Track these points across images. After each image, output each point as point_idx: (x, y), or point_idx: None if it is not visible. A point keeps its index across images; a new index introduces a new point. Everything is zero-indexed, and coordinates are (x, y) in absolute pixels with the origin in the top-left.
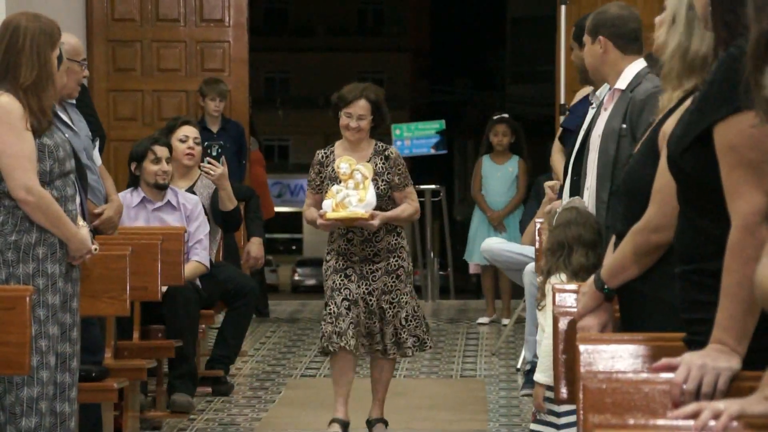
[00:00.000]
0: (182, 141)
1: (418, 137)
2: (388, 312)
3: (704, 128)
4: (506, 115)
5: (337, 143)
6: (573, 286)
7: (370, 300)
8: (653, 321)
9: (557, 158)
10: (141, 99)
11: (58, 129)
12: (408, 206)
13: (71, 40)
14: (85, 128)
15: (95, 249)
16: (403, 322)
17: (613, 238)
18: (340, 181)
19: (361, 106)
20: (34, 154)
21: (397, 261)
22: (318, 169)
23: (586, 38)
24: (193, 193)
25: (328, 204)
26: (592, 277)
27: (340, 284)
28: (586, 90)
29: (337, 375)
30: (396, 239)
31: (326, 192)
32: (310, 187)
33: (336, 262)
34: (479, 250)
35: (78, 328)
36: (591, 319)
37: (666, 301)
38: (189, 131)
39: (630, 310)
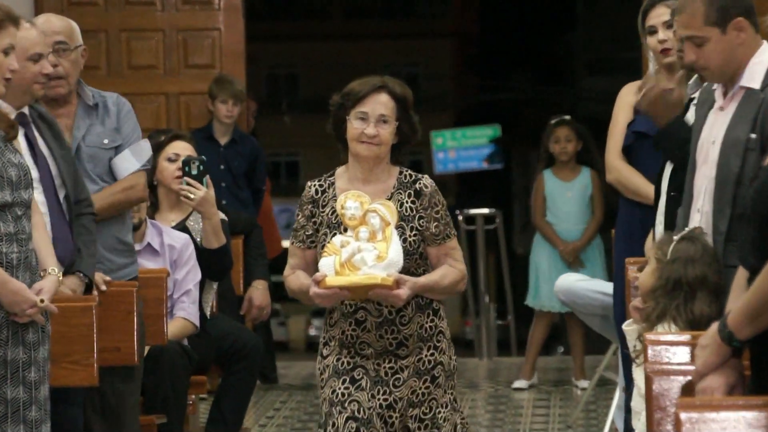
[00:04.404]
0: (171, 160)
1: (466, 147)
2: None
3: None
4: (568, 117)
5: (339, 171)
6: (672, 337)
7: (391, 418)
8: None
9: (631, 175)
10: None
11: (11, 150)
12: (450, 269)
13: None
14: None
15: (42, 301)
16: None
17: (741, 273)
18: (345, 229)
19: (383, 103)
20: None
21: (433, 355)
22: (310, 210)
23: (712, 30)
24: (185, 229)
25: (328, 263)
26: (714, 327)
27: (344, 395)
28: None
29: None
30: (432, 320)
31: (324, 246)
32: (296, 240)
33: (337, 360)
34: (550, 293)
35: (42, 406)
36: (715, 378)
37: None
38: (180, 148)
39: (767, 367)
